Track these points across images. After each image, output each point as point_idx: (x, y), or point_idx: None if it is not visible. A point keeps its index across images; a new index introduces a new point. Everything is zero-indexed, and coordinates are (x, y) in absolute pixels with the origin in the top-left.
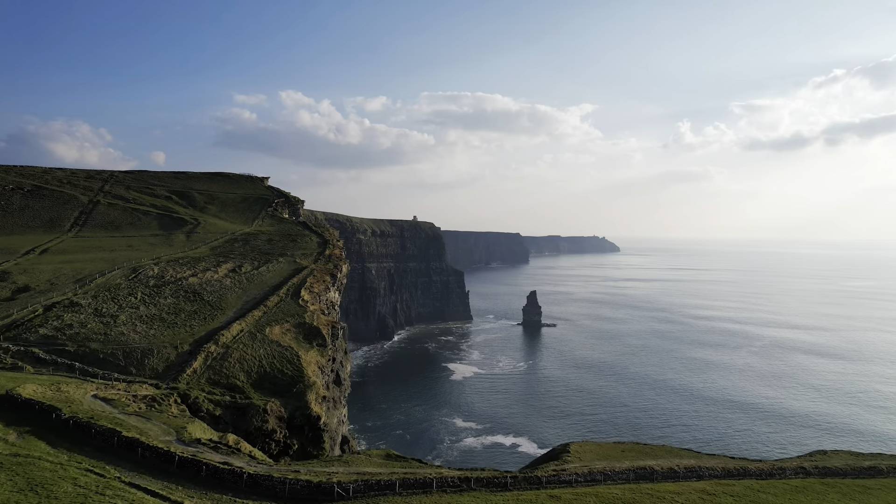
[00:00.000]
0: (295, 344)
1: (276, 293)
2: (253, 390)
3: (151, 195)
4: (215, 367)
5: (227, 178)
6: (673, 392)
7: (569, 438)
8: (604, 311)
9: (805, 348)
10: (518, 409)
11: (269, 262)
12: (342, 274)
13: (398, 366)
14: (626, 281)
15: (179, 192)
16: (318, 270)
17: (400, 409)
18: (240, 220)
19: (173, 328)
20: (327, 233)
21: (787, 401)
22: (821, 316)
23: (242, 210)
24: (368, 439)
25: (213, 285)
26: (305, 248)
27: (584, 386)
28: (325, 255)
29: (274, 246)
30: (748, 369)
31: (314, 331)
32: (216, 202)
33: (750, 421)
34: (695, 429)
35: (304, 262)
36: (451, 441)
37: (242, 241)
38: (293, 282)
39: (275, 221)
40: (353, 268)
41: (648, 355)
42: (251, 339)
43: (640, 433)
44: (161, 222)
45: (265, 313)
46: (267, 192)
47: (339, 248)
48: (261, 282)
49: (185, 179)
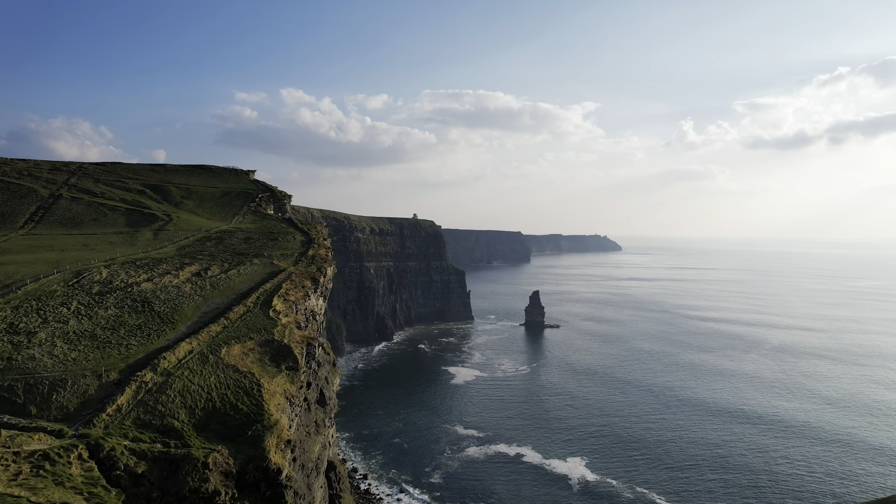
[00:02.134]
0: (257, 368)
1: (244, 302)
2: (195, 434)
3: (123, 189)
4: (148, 403)
5: (209, 171)
6: (686, 403)
7: (575, 449)
8: (607, 311)
9: (820, 353)
10: (521, 416)
11: (241, 265)
12: (326, 278)
13: (397, 369)
14: (628, 280)
15: (154, 186)
16: (297, 274)
17: (398, 415)
18: (218, 217)
19: (104, 349)
20: (314, 230)
21: (820, 416)
22: (832, 319)
23: (222, 205)
24: (364, 448)
25: (170, 292)
26: (286, 247)
27: (589, 392)
28: (308, 256)
29: (251, 245)
30: (762, 377)
31: (284, 350)
32: (193, 197)
33: (779, 440)
34: (720, 447)
35: (282, 263)
36: (452, 451)
37: (216, 240)
38: (266, 288)
39: (257, 218)
40: (350, 267)
41: (656, 360)
42: (201, 363)
43: (657, 450)
44: (129, 218)
45: (225, 328)
46: (252, 186)
47: (325, 247)
48: (227, 288)
49: (163, 172)
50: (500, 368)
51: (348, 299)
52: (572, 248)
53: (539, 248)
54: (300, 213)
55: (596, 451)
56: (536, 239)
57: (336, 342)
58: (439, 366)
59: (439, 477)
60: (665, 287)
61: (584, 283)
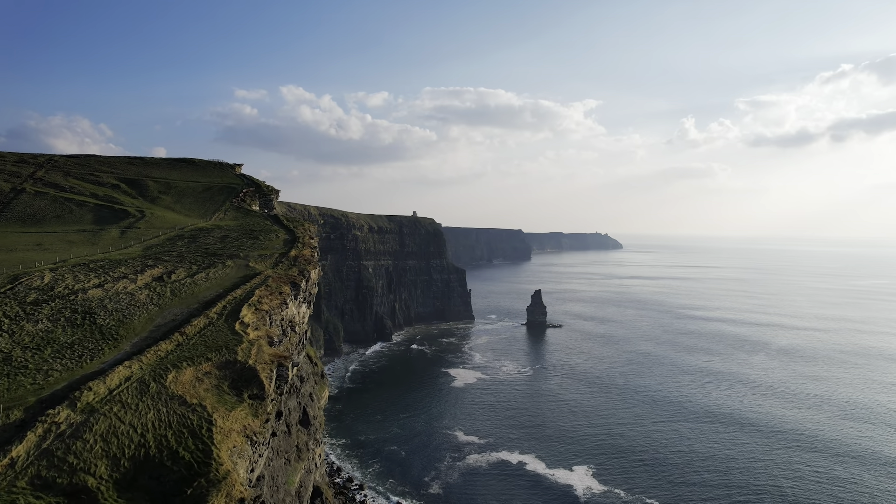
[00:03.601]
0: (212, 398)
1: (206, 313)
2: (114, 497)
3: (95, 183)
4: (56, 453)
5: (192, 164)
6: (693, 410)
7: (580, 457)
8: (610, 310)
9: (830, 356)
10: (523, 421)
11: (212, 267)
12: (310, 282)
13: (396, 370)
14: (630, 279)
15: (130, 180)
16: (274, 278)
17: (397, 419)
18: (197, 213)
19: (15, 376)
20: (300, 228)
21: (834, 427)
22: (839, 319)
23: (202, 201)
24: (361, 457)
25: (120, 301)
26: (267, 247)
27: (593, 397)
28: (290, 258)
29: (227, 245)
30: (771, 383)
31: (248, 374)
32: (172, 192)
33: (790, 452)
34: (730, 461)
35: (259, 266)
36: (453, 459)
37: (189, 239)
38: (235, 295)
39: (240, 214)
40: (348, 266)
41: (661, 364)
42: (139, 395)
43: (665, 460)
44: (97, 215)
45: (179, 346)
46: (237, 180)
47: (310, 247)
48: (190, 295)
49: (141, 166)
50: (502, 370)
51: (346, 299)
52: (573, 245)
53: (540, 245)
54: (297, 211)
55: (602, 459)
56: (537, 237)
57: (333, 343)
58: (439, 367)
59: (439, 487)
60: (667, 286)
61: (586, 281)
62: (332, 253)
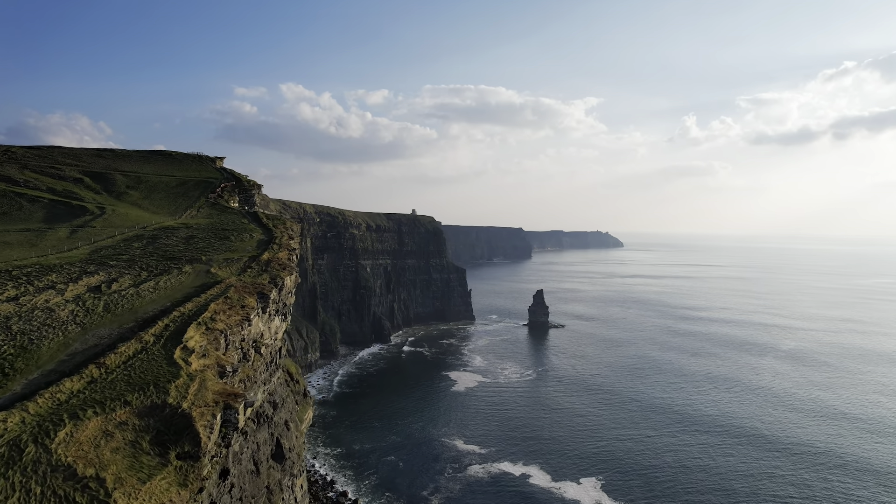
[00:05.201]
0: (120, 464)
1: (141, 335)
2: None
3: (55, 177)
4: None
5: (168, 157)
6: (704, 420)
7: (587, 469)
8: (613, 311)
9: (845, 362)
10: (526, 429)
11: (165, 274)
12: (284, 291)
13: (394, 374)
14: (632, 278)
15: (96, 174)
16: (238, 287)
17: (395, 427)
18: (166, 210)
19: None
20: (280, 227)
21: (857, 442)
22: (848, 320)
23: (175, 196)
24: (356, 467)
25: (34, 319)
26: (236, 249)
27: (600, 403)
28: (261, 262)
29: (191, 247)
30: (784, 390)
31: (179, 423)
32: (142, 186)
33: (808, 471)
34: (748, 478)
35: (222, 272)
36: (453, 470)
37: (149, 240)
38: (184, 310)
39: (215, 211)
40: (346, 265)
41: (669, 370)
42: (4, 467)
43: (677, 473)
44: (50, 212)
45: (91, 384)
46: (216, 174)
47: (287, 249)
48: (128, 310)
49: (111, 158)
50: (504, 374)
51: (343, 299)
52: (574, 244)
53: (540, 244)
54: (292, 209)
55: (611, 472)
56: (538, 235)
57: (330, 345)
58: (439, 371)
59: (438, 502)
60: (670, 285)
61: (588, 280)
62: (328, 252)
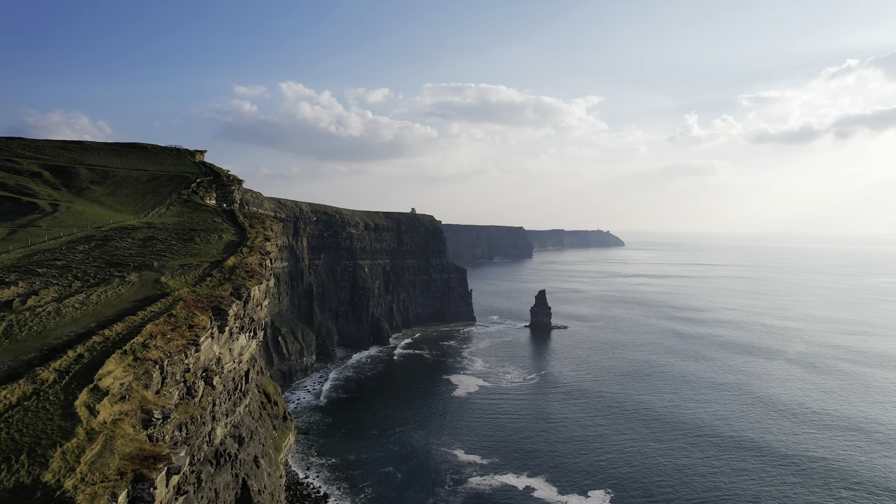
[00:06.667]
0: None
1: (38, 371)
2: None
3: (10, 171)
4: None
5: (143, 150)
6: (716, 433)
7: (596, 481)
8: (616, 311)
9: (864, 369)
10: (530, 437)
11: (102, 284)
12: (251, 303)
13: (393, 377)
14: (635, 277)
15: (58, 168)
16: (189, 301)
17: (393, 435)
18: (131, 207)
19: None
20: (256, 227)
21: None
22: (860, 322)
23: (144, 193)
24: (351, 479)
25: None
26: (198, 253)
27: (606, 409)
28: (225, 268)
29: (145, 250)
30: (804, 403)
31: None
32: (109, 182)
33: (838, 490)
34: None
35: (174, 282)
36: (454, 482)
37: (98, 242)
38: (111, 332)
39: (186, 209)
40: (343, 265)
41: (678, 373)
42: None
43: (693, 489)
44: None
45: None
46: (194, 169)
47: (260, 252)
48: (36, 334)
49: (78, 151)
50: (506, 377)
51: (340, 300)
52: (575, 243)
53: (541, 243)
54: (287, 208)
55: (621, 484)
56: (538, 234)
57: (327, 347)
58: (439, 374)
59: None
60: (673, 285)
61: (590, 280)
62: (325, 252)
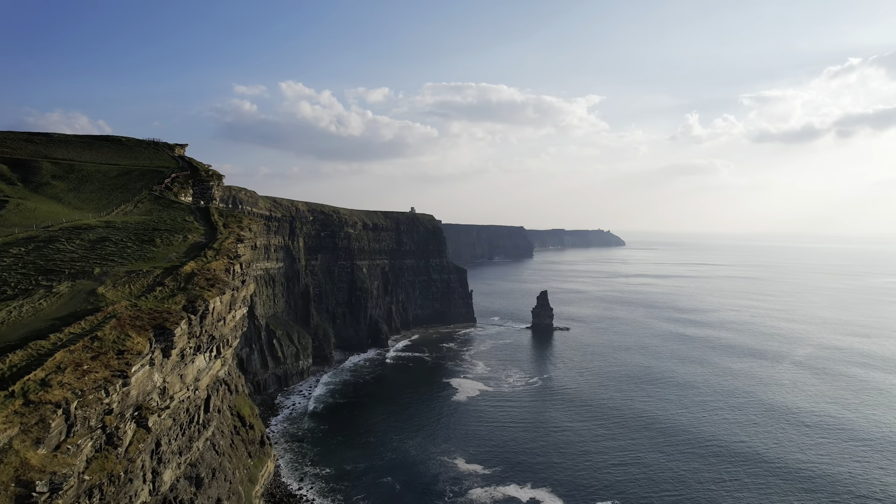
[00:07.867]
0: None
1: None
2: None
3: None
4: None
5: (117, 143)
6: (727, 446)
7: (602, 490)
8: (618, 311)
9: (878, 375)
10: (534, 445)
11: (20, 297)
12: (209, 318)
13: (391, 381)
14: (636, 277)
15: (19, 161)
16: (124, 319)
17: (390, 443)
18: (94, 205)
19: None
20: (233, 225)
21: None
22: (867, 325)
23: (111, 189)
24: (346, 491)
25: None
26: (155, 257)
27: (612, 414)
28: (181, 276)
29: (92, 254)
30: (819, 412)
31: None
32: (73, 177)
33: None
34: None
35: (113, 293)
36: (454, 493)
37: (39, 244)
38: (6, 364)
39: (157, 207)
40: (341, 266)
41: (685, 378)
42: None
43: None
44: None
45: None
46: (171, 163)
47: (228, 255)
48: None
49: (44, 144)
50: (508, 381)
51: (338, 301)
52: (575, 243)
53: (542, 243)
54: (283, 207)
55: (629, 495)
56: (539, 234)
57: (324, 350)
58: (439, 378)
59: None
60: (676, 285)
61: (591, 280)
62: (322, 252)
